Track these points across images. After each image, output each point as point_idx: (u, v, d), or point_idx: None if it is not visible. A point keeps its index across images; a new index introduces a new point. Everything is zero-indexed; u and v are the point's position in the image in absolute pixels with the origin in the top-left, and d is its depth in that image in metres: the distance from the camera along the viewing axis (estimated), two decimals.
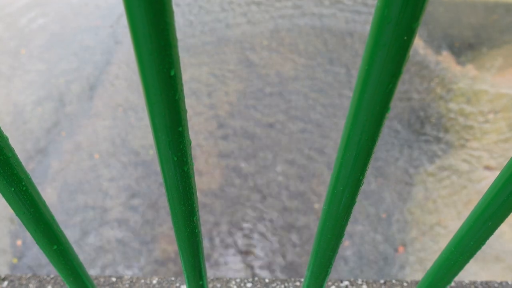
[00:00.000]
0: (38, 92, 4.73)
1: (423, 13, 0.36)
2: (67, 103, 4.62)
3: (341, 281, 1.06)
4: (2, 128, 0.48)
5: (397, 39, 0.37)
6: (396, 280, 1.08)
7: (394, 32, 0.36)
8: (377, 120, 0.44)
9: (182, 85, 0.43)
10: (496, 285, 1.10)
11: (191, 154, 0.51)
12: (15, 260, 3.44)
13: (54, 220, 0.61)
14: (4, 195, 0.52)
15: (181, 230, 0.62)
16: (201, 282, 0.77)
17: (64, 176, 3.96)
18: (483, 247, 3.42)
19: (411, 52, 5.06)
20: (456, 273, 0.68)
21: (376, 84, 0.40)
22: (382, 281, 1.07)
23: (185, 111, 0.46)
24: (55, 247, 0.63)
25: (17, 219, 3.63)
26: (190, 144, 0.50)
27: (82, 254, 3.47)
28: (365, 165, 0.49)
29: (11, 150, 0.48)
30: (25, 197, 0.53)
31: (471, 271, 3.31)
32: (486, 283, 1.12)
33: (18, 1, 6.01)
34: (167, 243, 3.50)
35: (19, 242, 3.53)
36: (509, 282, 1.10)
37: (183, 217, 0.59)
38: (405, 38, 0.37)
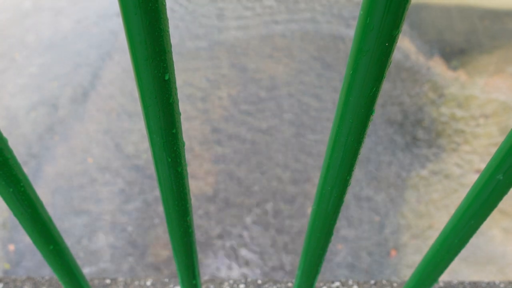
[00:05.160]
0: (31, 97, 4.72)
1: (403, 21, 0.38)
2: (61, 107, 4.61)
3: (332, 282, 1.08)
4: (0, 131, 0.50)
5: (379, 46, 0.39)
6: (386, 281, 1.10)
7: (377, 39, 0.38)
8: (363, 122, 0.46)
9: (176, 88, 0.45)
10: (484, 285, 1.12)
11: (184, 156, 0.53)
12: (7, 266, 3.42)
13: (50, 220, 0.62)
14: (2, 196, 0.54)
15: (175, 230, 0.64)
16: (194, 282, 0.79)
17: (58, 181, 3.95)
18: (475, 251, 3.45)
19: (403, 57, 5.12)
20: (442, 271, 0.70)
21: (361, 88, 0.42)
22: (372, 282, 1.09)
23: (179, 114, 0.47)
24: (51, 247, 0.64)
25: (9, 224, 3.61)
26: (183, 146, 0.52)
27: (77, 259, 3.45)
28: (352, 165, 0.51)
29: (10, 151, 0.50)
30: (23, 197, 0.54)
31: (463, 274, 3.35)
32: (474, 283, 1.14)
33: (13, 5, 6.00)
34: (161, 247, 3.50)
35: (11, 247, 3.52)
36: (497, 282, 1.12)
37: (177, 217, 0.61)
38: (387, 44, 0.39)
